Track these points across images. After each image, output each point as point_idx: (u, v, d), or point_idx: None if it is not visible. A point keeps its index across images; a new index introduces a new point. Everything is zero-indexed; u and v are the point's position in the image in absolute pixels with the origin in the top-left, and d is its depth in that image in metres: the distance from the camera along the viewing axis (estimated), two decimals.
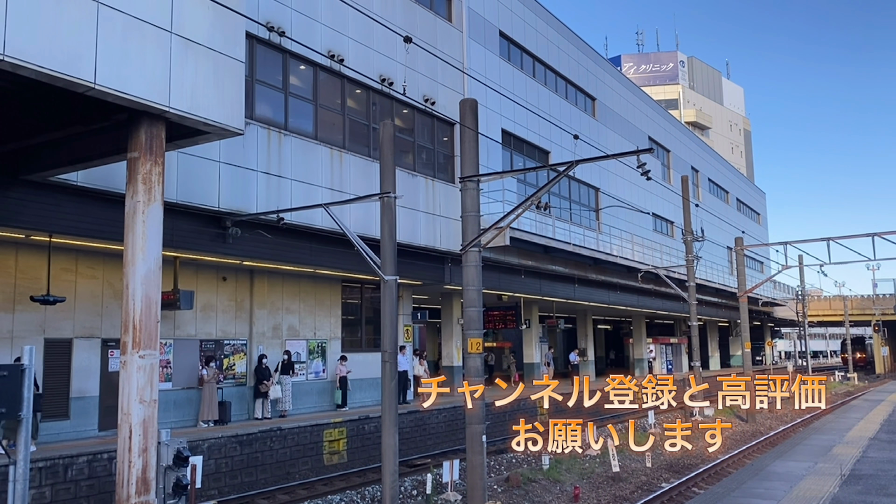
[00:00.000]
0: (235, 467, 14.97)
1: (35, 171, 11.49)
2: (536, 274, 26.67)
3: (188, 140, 10.15)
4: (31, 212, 12.13)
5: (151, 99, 8.51)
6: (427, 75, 20.70)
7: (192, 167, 13.91)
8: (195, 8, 9.06)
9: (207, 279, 17.32)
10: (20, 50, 7.30)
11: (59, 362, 14.28)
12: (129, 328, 8.76)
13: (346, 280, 20.80)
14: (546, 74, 29.15)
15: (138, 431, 8.50)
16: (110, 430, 14.40)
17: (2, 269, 13.49)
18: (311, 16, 17.03)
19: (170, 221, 10.19)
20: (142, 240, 8.83)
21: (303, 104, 17.19)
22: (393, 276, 12.86)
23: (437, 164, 21.41)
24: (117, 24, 8.17)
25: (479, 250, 12.53)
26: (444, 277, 21.90)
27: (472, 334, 12.34)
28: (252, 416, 17.86)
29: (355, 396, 20.46)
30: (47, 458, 12.01)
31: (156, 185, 8.94)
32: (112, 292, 15.06)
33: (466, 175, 12.70)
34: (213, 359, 17.15)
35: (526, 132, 26.33)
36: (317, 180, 16.95)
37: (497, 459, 17.84)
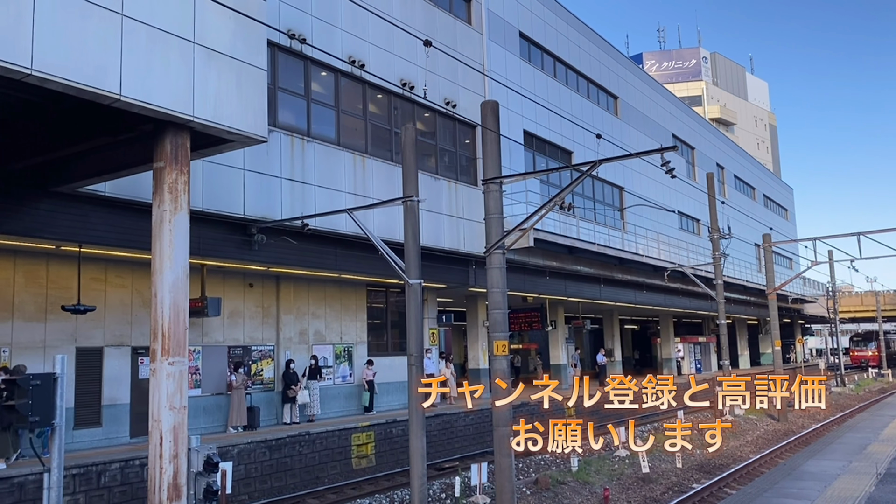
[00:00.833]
0: (265, 472, 15.07)
1: (64, 183, 11.69)
2: (561, 275, 26.52)
3: (213, 149, 10.26)
4: (62, 223, 12.34)
5: (176, 109, 8.61)
6: (448, 78, 20.72)
7: (218, 175, 14.05)
8: (217, 18, 9.16)
9: (234, 286, 17.48)
10: (47, 64, 7.43)
11: (90, 370, 14.49)
12: (158, 336, 8.87)
13: (370, 284, 20.86)
14: (567, 74, 29.04)
15: (169, 438, 8.59)
16: (141, 437, 14.57)
17: (33, 279, 13.73)
18: (332, 22, 17.13)
19: (196, 229, 10.30)
20: (169, 248, 8.94)
21: (325, 110, 17.30)
22: (417, 279, 12.88)
23: (459, 166, 21.41)
24: (141, 35, 8.28)
25: (503, 252, 12.49)
26: (468, 280, 21.87)
27: (498, 337, 12.30)
28: (280, 420, 17.97)
29: (382, 400, 20.51)
30: (81, 465, 12.19)
31: (182, 193, 9.04)
32: (141, 300, 15.26)
33: (489, 177, 12.68)
34: (242, 364, 17.30)
35: (548, 133, 26.23)
36: (340, 186, 17.03)
37: (525, 462, 17.76)
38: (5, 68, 7.22)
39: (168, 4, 8.63)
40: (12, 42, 7.20)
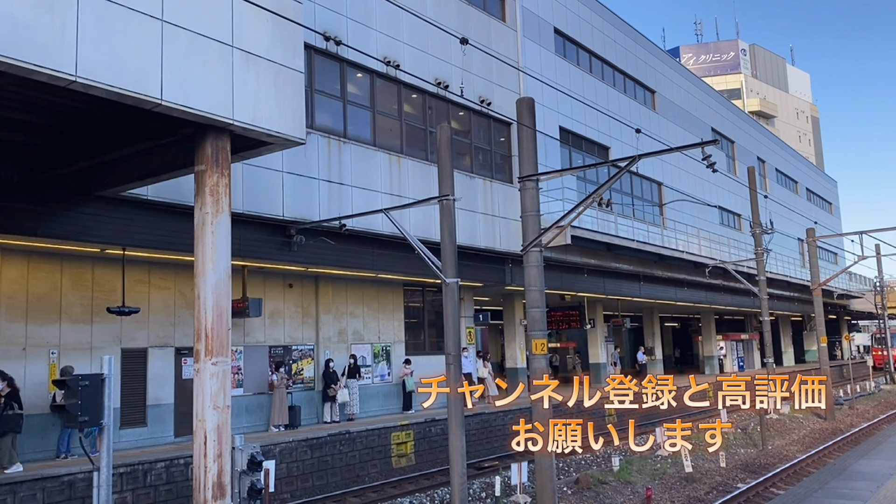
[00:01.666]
0: (306, 471, 15.21)
1: (108, 187, 11.94)
2: (600, 272, 26.27)
3: (252, 151, 10.37)
4: (106, 226, 12.60)
5: (216, 112, 8.72)
6: (482, 76, 20.67)
7: (257, 178, 14.23)
8: (255, 21, 9.25)
9: (274, 286, 17.68)
10: (91, 70, 7.58)
11: (135, 371, 14.78)
12: (201, 336, 8.98)
13: (407, 284, 20.92)
14: (603, 69, 28.75)
15: (213, 437, 8.71)
16: (185, 437, 14.83)
17: (79, 282, 14.06)
18: (367, 23, 17.22)
19: (237, 231, 10.43)
20: (211, 250, 9.06)
21: (360, 111, 17.39)
22: (454, 278, 12.85)
23: (494, 164, 21.35)
24: (181, 40, 8.40)
25: (541, 250, 12.41)
26: (505, 278, 21.80)
27: (536, 335, 12.23)
28: (321, 419, 18.13)
29: (422, 398, 20.50)
30: (127, 463, 12.43)
31: (223, 196, 9.16)
32: (184, 302, 15.52)
33: (525, 175, 12.60)
34: (283, 364, 17.49)
35: (584, 129, 26.00)
36: (376, 186, 17.11)
37: (566, 461, 17.63)
38: (51, 76, 7.38)
39: (207, 9, 8.74)
40: (58, 50, 7.36)
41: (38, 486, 11.35)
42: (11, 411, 12.11)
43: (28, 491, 11.21)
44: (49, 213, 11.94)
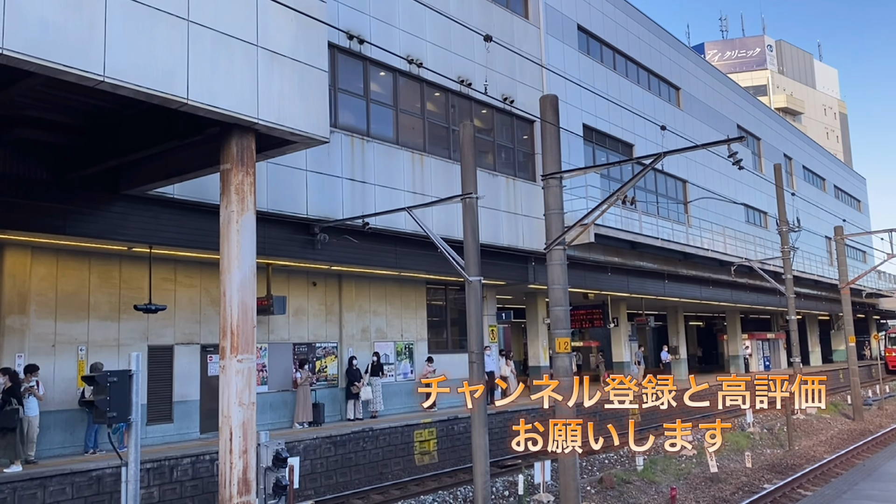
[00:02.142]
0: (330, 468, 15.30)
1: (135, 186, 12.09)
2: (623, 271, 26.09)
3: (276, 150, 10.44)
4: (133, 225, 12.76)
5: (241, 111, 8.78)
6: (505, 74, 20.62)
7: (281, 176, 14.32)
8: (280, 21, 9.31)
9: (298, 284, 17.79)
10: (119, 70, 7.67)
11: (162, 368, 14.96)
12: (227, 333, 9.06)
13: (430, 282, 20.94)
14: (627, 66, 28.53)
15: (238, 433, 8.78)
16: (210, 433, 14.98)
17: (107, 280, 14.25)
18: (389, 22, 17.25)
19: (262, 230, 10.50)
20: (236, 248, 9.13)
21: (384, 110, 17.43)
22: (477, 276, 12.84)
23: (517, 162, 21.30)
24: (207, 40, 8.47)
25: (564, 248, 12.35)
26: (528, 277, 21.74)
27: (560, 334, 12.17)
28: (345, 416, 18.21)
29: (443, 397, 20.50)
30: (154, 459, 12.59)
31: (248, 195, 9.23)
32: (209, 299, 15.67)
33: (548, 172, 12.54)
34: (307, 361, 17.60)
35: (608, 126, 25.83)
36: (399, 184, 17.14)
37: (589, 460, 17.55)
38: (80, 76, 7.48)
39: (232, 9, 8.81)
40: (86, 51, 7.46)
41: (68, 480, 11.53)
42: (10, 407, 12.06)
43: (58, 485, 11.40)
44: (77, 212, 12.11)
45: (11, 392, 12.30)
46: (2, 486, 10.80)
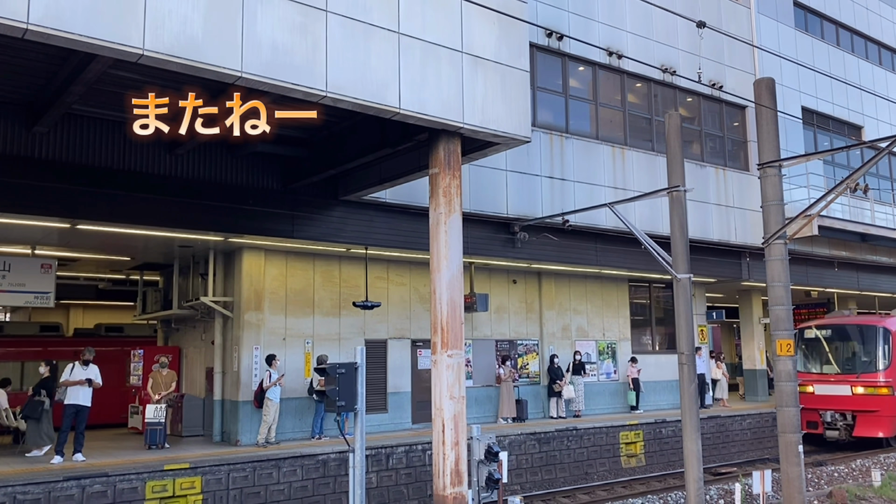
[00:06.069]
0: (535, 464, 15.40)
1: (351, 192, 13.03)
2: (852, 266, 23.64)
3: (479, 153, 10.73)
4: (351, 228, 13.76)
5: (448, 117, 9.14)
6: (713, 58, 19.50)
7: (482, 177, 14.68)
8: (482, 24, 9.55)
9: (499, 282, 18.11)
10: (339, 85, 8.32)
11: (377, 361, 15.91)
12: (437, 329, 9.46)
13: (632, 279, 20.36)
14: (853, 40, 25.74)
15: (450, 426, 9.14)
16: (420, 424, 15.71)
17: (329, 279, 15.45)
18: (588, 15, 17.03)
19: (464, 230, 10.81)
20: (445, 248, 9.51)
21: (582, 105, 17.23)
22: (686, 274, 12.26)
23: (726, 151, 20.07)
24: (416, 51, 8.91)
25: (785, 242, 11.42)
26: (741, 273, 20.43)
27: (781, 335, 11.28)
28: (547, 414, 18.25)
29: (648, 399, 19.91)
30: (372, 447, 13.43)
31: (455, 197, 9.57)
32: (417, 297, 16.44)
33: (765, 161, 11.66)
34: (509, 358, 17.87)
35: (831, 107, 23.50)
36: (599, 180, 16.86)
37: (815, 472, 16.10)
38: (306, 92, 8.21)
39: (438, 18, 9.18)
40: (310, 69, 8.17)
41: (298, 463, 12.67)
42: (37, 398, 12.80)
43: (289, 467, 12.57)
44: (303, 217, 13.28)
45: (44, 384, 13.07)
46: (244, 465, 12.13)
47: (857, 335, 19.58)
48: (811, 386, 19.37)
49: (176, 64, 7.31)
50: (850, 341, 19.70)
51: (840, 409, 19.00)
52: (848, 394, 18.88)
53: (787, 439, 11.08)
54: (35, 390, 13.13)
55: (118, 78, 9.38)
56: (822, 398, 19.17)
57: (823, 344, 19.96)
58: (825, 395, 19.16)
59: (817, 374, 19.69)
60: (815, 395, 19.19)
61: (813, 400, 19.08)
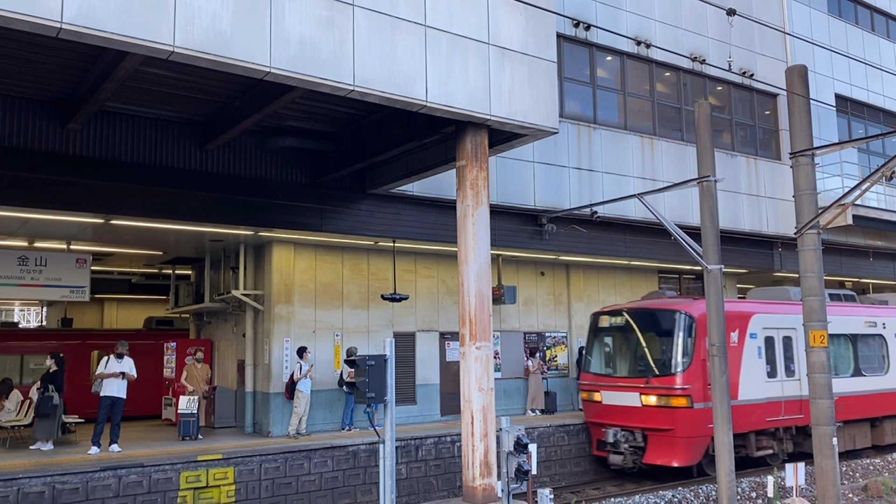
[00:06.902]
0: (564, 457, 15.38)
1: (379, 185, 13.10)
2: (888, 255, 23.18)
3: (506, 144, 10.70)
4: (379, 221, 13.83)
5: (474, 110, 9.12)
6: (743, 46, 19.21)
7: (509, 169, 14.65)
8: (509, 15, 9.51)
9: (527, 274, 18.07)
10: (366, 79, 8.35)
11: (405, 353, 15.99)
12: (465, 322, 9.48)
13: (662, 270, 20.20)
14: (888, 25, 25.15)
15: (479, 417, 9.17)
16: (449, 416, 15.77)
17: (358, 272, 15.54)
18: (616, 5, 16.86)
19: (491, 222, 10.80)
20: (472, 240, 9.51)
21: (610, 95, 17.08)
22: (717, 264, 12.12)
23: (757, 140, 19.78)
24: (443, 44, 8.90)
25: (818, 232, 11.23)
26: (773, 264, 20.15)
27: (815, 326, 11.10)
28: (576, 407, 18.18)
29: None
30: (401, 438, 13.51)
31: (482, 189, 9.57)
32: (445, 289, 16.47)
33: (798, 150, 11.46)
34: (537, 350, 17.84)
35: (865, 94, 23.01)
36: (627, 170, 16.72)
37: (850, 465, 15.86)
38: (333, 87, 8.25)
39: (465, 10, 9.16)
40: (338, 63, 8.20)
41: (329, 453, 12.81)
42: (47, 394, 12.73)
43: (320, 458, 12.71)
44: (332, 211, 13.37)
45: (52, 378, 13.04)
46: (276, 455, 12.29)
47: (652, 325, 14.44)
48: (599, 393, 14.73)
49: (206, 60, 7.40)
50: (646, 333, 14.54)
51: (627, 425, 14.05)
52: (637, 404, 13.80)
53: (820, 431, 10.92)
54: (43, 385, 13.02)
55: (149, 75, 9.53)
56: (609, 409, 14.41)
57: (614, 336, 15.12)
58: (612, 406, 14.29)
59: (606, 378, 14.84)
60: (603, 406, 14.55)
61: (601, 411, 14.59)
